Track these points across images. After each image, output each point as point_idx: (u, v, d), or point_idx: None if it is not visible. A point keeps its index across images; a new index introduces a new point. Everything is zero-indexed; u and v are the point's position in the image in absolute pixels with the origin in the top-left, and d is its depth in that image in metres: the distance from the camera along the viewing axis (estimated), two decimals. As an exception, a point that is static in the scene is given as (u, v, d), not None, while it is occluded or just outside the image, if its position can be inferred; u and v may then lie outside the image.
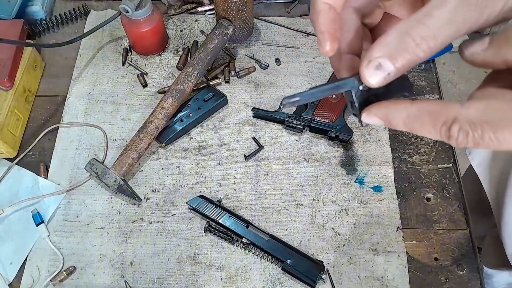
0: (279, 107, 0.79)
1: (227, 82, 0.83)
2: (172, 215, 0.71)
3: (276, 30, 0.90)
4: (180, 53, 0.87)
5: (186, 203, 0.70)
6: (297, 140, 0.78)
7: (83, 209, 0.71)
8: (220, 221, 0.67)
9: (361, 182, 0.74)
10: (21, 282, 0.65)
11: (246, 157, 0.75)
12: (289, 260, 0.65)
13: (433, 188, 0.74)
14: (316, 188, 0.73)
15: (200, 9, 0.91)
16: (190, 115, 0.77)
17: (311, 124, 0.76)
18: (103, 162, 0.75)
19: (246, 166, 0.75)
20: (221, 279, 0.66)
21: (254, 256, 0.68)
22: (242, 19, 0.81)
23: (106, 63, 0.85)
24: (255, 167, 0.75)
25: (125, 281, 0.65)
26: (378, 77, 0.28)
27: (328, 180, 0.74)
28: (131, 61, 0.85)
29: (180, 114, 0.77)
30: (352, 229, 0.70)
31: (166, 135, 0.75)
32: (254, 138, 0.78)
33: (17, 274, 0.66)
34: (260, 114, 0.79)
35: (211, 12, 0.91)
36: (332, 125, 0.75)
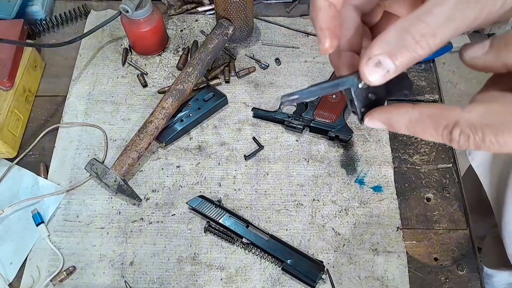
0: (279, 107, 0.79)
1: (227, 82, 0.83)
2: (172, 215, 0.71)
3: (276, 30, 0.90)
4: (180, 53, 0.87)
5: (186, 203, 0.71)
6: (297, 140, 0.78)
7: (83, 209, 0.71)
8: (220, 221, 0.67)
9: (361, 182, 0.74)
10: (21, 282, 0.65)
11: (246, 157, 0.75)
12: (289, 260, 0.65)
13: (433, 188, 0.74)
14: (316, 188, 0.73)
15: (200, 9, 0.91)
16: (190, 115, 0.77)
17: (311, 124, 0.76)
18: (103, 162, 0.75)
19: (246, 166, 0.75)
20: (221, 279, 0.66)
21: (254, 256, 0.68)
22: (242, 19, 0.81)
23: (106, 63, 0.85)
24: (255, 167, 0.75)
25: (125, 281, 0.66)
26: (378, 75, 0.28)
27: (328, 180, 0.74)
28: (131, 61, 0.85)
29: (180, 114, 0.77)
30: (352, 229, 0.70)
31: (166, 135, 0.75)
32: (254, 138, 0.78)
33: (17, 274, 0.66)
34: (260, 114, 0.79)
35: (211, 12, 0.91)
36: (332, 125, 0.75)
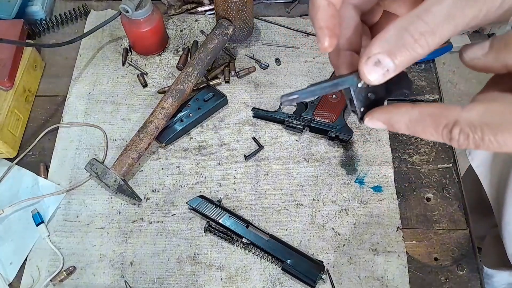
0: (279, 107, 0.79)
1: (227, 82, 0.83)
2: (172, 215, 0.71)
3: (276, 30, 0.90)
4: (180, 53, 0.87)
5: (186, 203, 0.71)
6: (297, 140, 0.78)
7: (83, 209, 0.71)
8: (220, 221, 0.67)
9: (361, 182, 0.74)
10: (21, 282, 0.65)
11: (246, 157, 0.75)
12: (289, 260, 0.65)
13: (433, 188, 0.74)
14: (316, 188, 0.73)
15: (200, 9, 0.91)
16: (190, 115, 0.77)
17: (311, 124, 0.76)
18: (103, 162, 0.75)
19: (246, 166, 0.75)
20: (221, 279, 0.66)
21: (254, 256, 0.68)
22: (242, 19, 0.81)
23: (106, 63, 0.85)
24: (255, 167, 0.75)
25: (125, 281, 0.66)
26: (377, 74, 0.28)
27: (328, 180, 0.74)
28: (131, 61, 0.85)
29: (180, 114, 0.77)
30: (352, 229, 0.70)
31: (166, 135, 0.75)
32: (254, 138, 0.78)
33: (17, 274, 0.66)
34: (260, 114, 0.79)
35: (211, 12, 0.91)
36: (332, 125, 0.75)
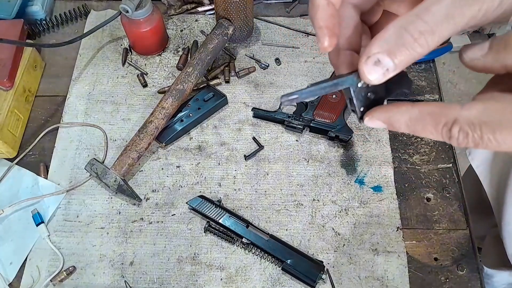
0: (279, 107, 0.79)
1: (227, 82, 0.83)
2: (172, 215, 0.71)
3: (276, 30, 0.90)
4: (180, 53, 0.87)
5: (186, 203, 0.71)
6: (297, 140, 0.78)
7: (83, 209, 0.71)
8: (220, 221, 0.67)
9: (361, 182, 0.74)
10: (21, 282, 0.65)
11: (246, 157, 0.75)
12: (289, 260, 0.65)
13: (433, 188, 0.74)
14: (316, 188, 0.73)
15: (200, 9, 0.91)
16: (190, 115, 0.77)
17: (311, 124, 0.76)
18: (103, 162, 0.75)
19: (246, 166, 0.75)
20: (221, 279, 0.66)
21: (254, 256, 0.68)
22: (242, 19, 0.81)
23: (106, 63, 0.85)
24: (255, 167, 0.75)
25: (125, 281, 0.66)
26: (377, 74, 0.28)
27: (328, 180, 0.74)
28: (131, 61, 0.85)
29: (180, 114, 0.77)
30: (352, 229, 0.70)
31: (166, 135, 0.75)
32: (254, 138, 0.78)
33: (17, 274, 0.66)
34: (260, 114, 0.79)
35: (211, 12, 0.91)
36: (332, 125, 0.75)
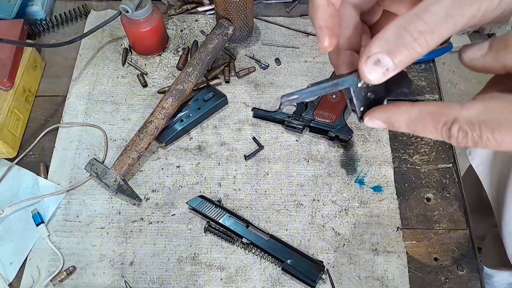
0: (279, 107, 0.79)
1: (227, 82, 0.83)
2: (172, 215, 0.71)
3: (276, 30, 0.90)
4: (180, 53, 0.87)
5: (186, 203, 0.71)
6: (297, 140, 0.78)
7: (83, 209, 0.71)
8: (220, 221, 0.67)
9: (361, 182, 0.74)
10: (21, 282, 0.65)
11: (246, 157, 0.75)
12: (289, 260, 0.65)
13: (433, 188, 0.74)
14: (316, 188, 0.73)
15: (200, 9, 0.91)
16: (190, 115, 0.77)
17: (311, 124, 0.76)
18: (103, 162, 0.75)
19: (246, 166, 0.75)
20: (221, 279, 0.66)
21: (254, 256, 0.68)
22: (242, 19, 0.81)
23: (106, 63, 0.85)
24: (255, 167, 0.75)
25: (125, 281, 0.66)
26: (377, 73, 0.28)
27: (328, 180, 0.74)
28: (131, 61, 0.85)
29: (180, 114, 0.77)
30: (352, 229, 0.70)
31: (166, 135, 0.75)
32: (254, 138, 0.78)
33: (17, 274, 0.66)
34: (260, 114, 0.79)
35: (211, 12, 0.91)
36: (332, 125, 0.75)
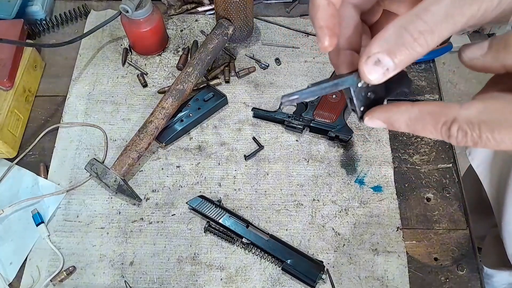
0: (279, 107, 0.79)
1: (227, 82, 0.83)
2: (172, 215, 0.71)
3: (276, 30, 0.90)
4: (180, 53, 0.87)
5: (186, 203, 0.71)
6: (297, 140, 0.78)
7: (83, 209, 0.71)
8: (220, 221, 0.67)
9: (361, 182, 0.74)
10: (21, 282, 0.65)
11: (246, 157, 0.75)
12: (289, 260, 0.65)
13: (433, 188, 0.74)
14: (316, 188, 0.73)
15: (200, 9, 0.91)
16: (190, 115, 0.77)
17: (311, 124, 0.76)
18: (103, 162, 0.75)
19: (246, 166, 0.75)
20: (221, 279, 0.66)
21: (254, 256, 0.68)
22: (242, 19, 0.81)
23: (106, 63, 0.85)
24: (255, 167, 0.75)
25: (125, 281, 0.66)
26: (377, 73, 0.28)
27: (328, 180, 0.74)
28: (131, 61, 0.85)
29: (180, 114, 0.77)
30: (352, 229, 0.70)
31: (166, 135, 0.75)
32: (254, 138, 0.78)
33: (17, 274, 0.66)
34: (260, 114, 0.79)
35: (211, 12, 0.91)
36: (332, 125, 0.75)
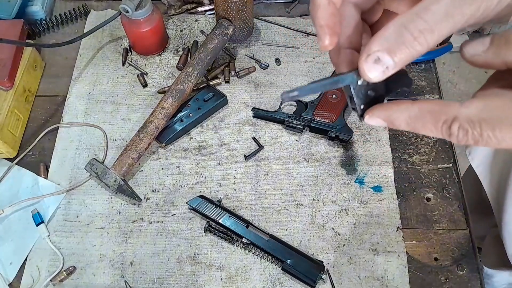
0: (279, 107, 0.79)
1: (227, 82, 0.83)
2: (172, 215, 0.71)
3: (276, 30, 0.90)
4: (180, 53, 0.87)
5: (186, 203, 0.71)
6: (297, 140, 0.78)
7: (83, 209, 0.71)
8: (220, 221, 0.67)
9: (361, 182, 0.74)
10: (21, 282, 0.65)
11: (246, 157, 0.75)
12: (289, 260, 0.65)
13: (433, 188, 0.74)
14: (316, 188, 0.73)
15: (200, 9, 0.91)
16: (190, 115, 0.77)
17: (311, 124, 0.76)
18: (103, 162, 0.75)
19: (246, 166, 0.75)
20: (221, 279, 0.66)
21: (254, 256, 0.68)
22: (242, 19, 0.81)
23: (106, 63, 0.85)
24: (255, 167, 0.75)
25: (125, 281, 0.66)
26: (377, 72, 0.28)
27: (328, 180, 0.74)
28: (131, 61, 0.85)
29: (180, 114, 0.77)
30: (352, 229, 0.70)
31: (166, 135, 0.75)
32: (254, 138, 0.78)
33: (17, 274, 0.66)
34: (260, 114, 0.79)
35: (211, 12, 0.91)
36: (332, 125, 0.75)
